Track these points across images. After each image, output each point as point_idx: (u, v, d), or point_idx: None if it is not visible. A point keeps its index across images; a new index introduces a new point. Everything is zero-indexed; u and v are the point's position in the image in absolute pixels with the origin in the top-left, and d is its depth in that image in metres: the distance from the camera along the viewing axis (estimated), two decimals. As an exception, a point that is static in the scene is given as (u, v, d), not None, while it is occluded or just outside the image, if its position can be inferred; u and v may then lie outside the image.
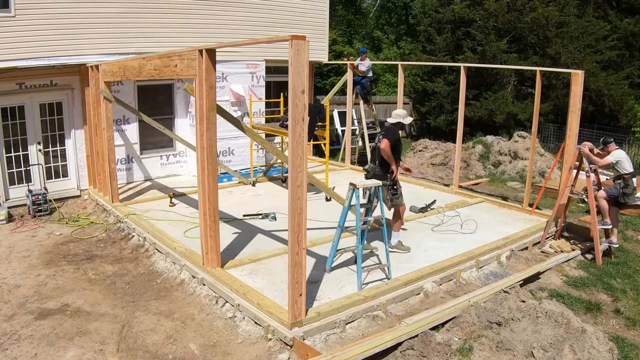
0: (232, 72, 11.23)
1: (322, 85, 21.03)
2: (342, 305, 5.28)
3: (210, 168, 5.75)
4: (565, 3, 17.32)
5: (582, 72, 7.97)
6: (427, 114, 19.82)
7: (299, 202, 4.60)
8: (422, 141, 14.66)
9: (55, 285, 6.31)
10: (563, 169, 8.43)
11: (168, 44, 9.66)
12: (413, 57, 19.83)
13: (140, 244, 7.58)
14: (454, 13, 18.58)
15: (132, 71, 7.34)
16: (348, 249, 6.27)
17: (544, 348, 4.55)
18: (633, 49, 18.81)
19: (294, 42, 4.27)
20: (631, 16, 18.59)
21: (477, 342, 4.78)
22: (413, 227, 7.84)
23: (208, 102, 5.53)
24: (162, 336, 5.15)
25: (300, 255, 4.73)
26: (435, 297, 5.93)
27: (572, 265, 7.05)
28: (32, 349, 4.87)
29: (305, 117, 4.52)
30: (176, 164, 11.46)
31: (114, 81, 9.03)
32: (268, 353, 4.81)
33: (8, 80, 8.93)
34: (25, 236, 8.07)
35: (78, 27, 9.20)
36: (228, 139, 11.16)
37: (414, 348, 4.68)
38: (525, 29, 17.16)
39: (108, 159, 8.88)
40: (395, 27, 26.81)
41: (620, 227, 8.74)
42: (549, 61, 16.18)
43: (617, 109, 17.40)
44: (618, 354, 4.70)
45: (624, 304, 5.95)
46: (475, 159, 13.26)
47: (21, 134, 9.41)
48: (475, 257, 6.68)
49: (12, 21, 8.55)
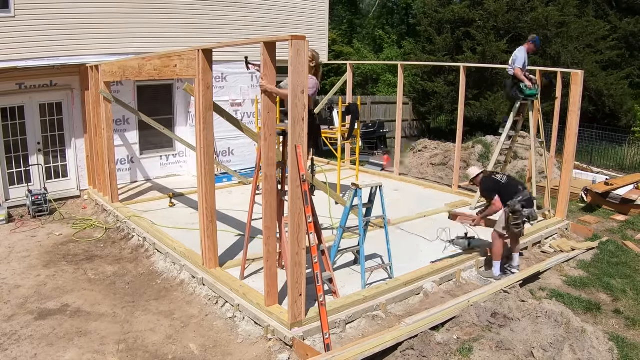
0: (232, 73, 11.23)
1: (322, 85, 21.01)
2: (342, 305, 5.28)
3: (207, 168, 5.76)
4: (565, 3, 17.32)
5: (582, 72, 7.97)
6: (427, 114, 19.81)
7: (299, 202, 4.60)
8: (422, 141, 14.64)
9: (55, 285, 6.31)
10: (563, 169, 8.44)
11: (168, 44, 9.65)
12: (413, 57, 19.83)
13: (140, 244, 7.57)
14: (454, 13, 18.57)
15: (132, 71, 7.35)
16: (349, 249, 6.28)
17: (544, 348, 4.55)
18: (633, 49, 18.82)
19: (293, 42, 4.27)
20: (631, 16, 18.61)
21: (477, 342, 4.78)
22: (415, 225, 7.83)
23: (205, 102, 5.54)
24: (161, 336, 5.15)
25: (300, 255, 4.73)
26: (435, 297, 5.93)
27: (572, 265, 7.05)
28: (32, 349, 4.86)
29: (305, 117, 4.52)
30: (176, 164, 11.46)
31: (114, 81, 9.03)
32: (268, 353, 4.81)
33: (8, 80, 8.93)
34: (25, 236, 8.06)
35: (78, 28, 9.20)
36: (228, 139, 11.16)
37: (414, 348, 4.67)
38: (525, 29, 17.14)
39: (108, 159, 8.88)
40: (395, 28, 26.82)
41: (619, 226, 8.75)
42: (549, 61, 16.18)
43: (617, 109, 17.41)
44: (618, 353, 4.70)
45: (623, 303, 5.95)
46: (475, 159, 13.25)
47: (21, 134, 9.41)
48: (475, 257, 6.67)
49: (12, 21, 8.55)
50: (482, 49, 17.11)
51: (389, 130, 16.29)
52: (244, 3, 11.29)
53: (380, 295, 5.60)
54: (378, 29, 25.90)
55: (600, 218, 9.20)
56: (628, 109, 17.84)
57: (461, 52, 18.02)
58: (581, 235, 8.19)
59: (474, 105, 17.08)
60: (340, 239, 6.06)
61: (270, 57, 4.64)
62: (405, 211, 8.56)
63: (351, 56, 23.04)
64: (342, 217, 6.04)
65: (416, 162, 13.37)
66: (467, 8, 18.34)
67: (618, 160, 14.24)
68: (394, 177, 11.23)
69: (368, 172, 11.85)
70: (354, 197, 5.83)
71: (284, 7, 11.99)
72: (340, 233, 6.05)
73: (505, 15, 17.38)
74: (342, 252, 6.22)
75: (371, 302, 5.48)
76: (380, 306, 5.51)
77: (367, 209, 6.08)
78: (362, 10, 28.66)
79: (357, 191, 5.79)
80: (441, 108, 18.98)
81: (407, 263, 6.39)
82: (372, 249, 6.61)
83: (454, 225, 7.14)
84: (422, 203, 9.19)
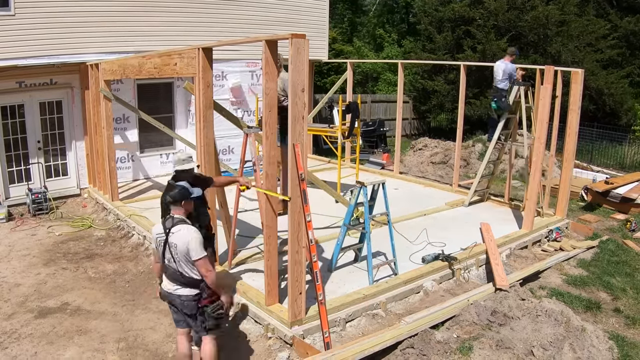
0: (232, 71, 11.22)
1: (322, 84, 21.02)
2: (342, 303, 5.28)
3: (207, 166, 5.75)
4: (566, 1, 17.30)
5: (582, 71, 7.98)
6: (427, 113, 19.80)
7: (298, 200, 4.60)
8: (422, 140, 14.64)
9: (55, 283, 6.31)
10: (563, 168, 8.43)
11: (168, 42, 9.63)
12: (413, 55, 19.82)
13: (140, 243, 7.57)
14: (454, 12, 18.55)
15: (132, 70, 7.34)
16: (352, 247, 6.28)
17: (544, 346, 4.55)
18: (633, 47, 18.81)
19: (294, 41, 4.27)
20: (631, 15, 18.59)
21: (477, 340, 4.78)
22: (418, 224, 7.82)
23: (205, 101, 5.54)
24: (162, 334, 5.16)
25: (300, 253, 4.74)
26: (435, 296, 5.93)
27: (572, 264, 7.05)
28: (32, 348, 4.87)
29: (306, 115, 4.52)
30: (176, 162, 11.44)
31: (114, 80, 9.02)
32: (268, 351, 4.82)
33: (8, 78, 8.92)
34: (25, 235, 8.06)
35: (78, 26, 9.18)
36: (228, 137, 11.14)
37: (414, 346, 4.68)
38: (526, 27, 17.14)
39: (108, 158, 8.88)
40: (395, 26, 26.79)
41: (620, 225, 8.75)
42: (549, 60, 16.16)
43: (617, 108, 17.41)
44: (618, 352, 4.71)
45: (623, 302, 5.95)
46: (475, 158, 13.25)
47: (21, 133, 9.41)
48: (475, 255, 6.68)
49: (12, 20, 8.54)
50: (482, 47, 17.10)
51: (389, 128, 16.29)
52: (244, 1, 11.27)
53: (381, 294, 5.60)
54: (378, 27, 25.87)
55: (600, 217, 9.20)
56: (628, 107, 17.84)
57: (461, 50, 18.00)
58: (581, 234, 8.20)
59: (474, 103, 17.07)
60: (344, 236, 6.07)
61: (271, 54, 4.64)
62: (405, 209, 8.54)
63: (351, 55, 23.02)
64: (345, 215, 6.06)
65: (416, 160, 13.37)
66: (467, 6, 18.32)
67: (618, 159, 14.24)
68: (394, 175, 11.22)
69: (368, 170, 11.84)
70: (359, 195, 5.84)
71: (284, 5, 11.97)
72: (344, 231, 6.05)
73: (505, 13, 17.36)
74: (344, 250, 6.22)
75: (371, 301, 5.48)
76: (380, 304, 5.51)
77: (370, 206, 6.09)
78: (362, 8, 28.61)
79: (362, 189, 5.80)
80: (441, 106, 18.97)
81: (406, 262, 6.38)
82: (374, 247, 6.58)
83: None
84: (422, 201, 9.18)
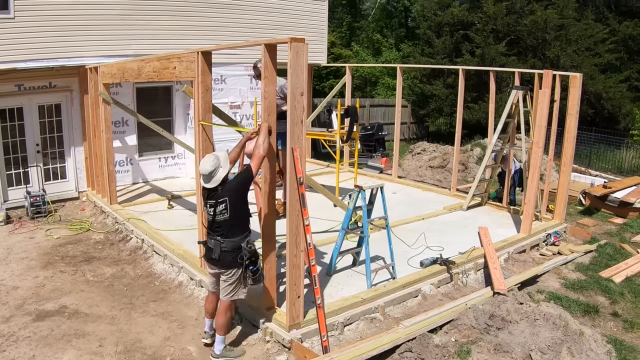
0: (231, 75, 11.24)
1: (320, 88, 21.06)
2: (340, 307, 5.28)
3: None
4: (564, 6, 17.39)
5: (581, 75, 8.00)
6: (425, 117, 19.84)
7: (297, 204, 4.60)
8: (421, 144, 14.67)
9: (54, 287, 6.30)
10: (561, 172, 8.44)
11: (167, 46, 9.65)
12: (412, 59, 19.88)
13: (138, 246, 7.57)
14: (453, 16, 18.64)
15: (131, 73, 7.35)
16: (350, 250, 6.28)
17: (542, 350, 4.55)
18: (632, 52, 18.88)
19: (293, 45, 4.28)
20: (630, 19, 18.68)
21: (475, 344, 4.78)
22: (416, 228, 7.82)
23: (204, 104, 5.55)
24: (160, 338, 5.15)
25: (299, 257, 4.74)
26: (434, 300, 5.93)
27: (570, 267, 7.06)
28: (30, 351, 4.86)
29: (304, 119, 4.53)
30: (174, 166, 11.45)
31: (113, 83, 9.03)
32: (266, 355, 4.81)
33: (7, 81, 8.92)
34: (23, 238, 8.06)
35: (77, 29, 9.20)
36: (226, 141, 11.14)
37: (412, 350, 4.67)
38: (524, 31, 17.21)
39: (106, 161, 8.88)
40: (394, 31, 26.86)
41: (617, 229, 8.76)
42: (547, 64, 16.22)
43: (615, 112, 17.48)
44: (616, 356, 4.71)
45: (621, 306, 5.95)
46: (473, 162, 13.28)
47: (20, 136, 9.40)
48: (473, 259, 6.68)
49: (11, 22, 8.55)
50: (481, 51, 17.16)
51: (388, 132, 16.30)
52: (244, 5, 11.29)
53: (379, 298, 5.60)
54: (376, 32, 25.96)
55: (598, 221, 9.22)
56: (627, 112, 17.91)
57: (460, 54, 18.07)
58: (579, 238, 8.20)
59: (473, 108, 17.11)
60: (342, 240, 6.07)
61: (271, 59, 4.65)
62: (403, 213, 8.55)
63: (350, 59, 23.08)
64: (344, 219, 6.06)
65: (415, 164, 13.39)
66: (466, 11, 18.41)
67: (616, 163, 14.27)
68: (392, 179, 11.23)
69: (367, 174, 11.85)
70: (357, 199, 5.85)
71: (283, 9, 12.01)
72: (342, 235, 6.05)
73: (504, 18, 17.44)
74: (343, 254, 6.21)
75: (369, 305, 5.48)
76: (379, 308, 5.51)
77: (368, 210, 6.09)
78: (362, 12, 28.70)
79: (361, 192, 5.81)
80: (440, 111, 19.01)
81: (404, 266, 6.39)
82: (372, 251, 6.58)
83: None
84: (420, 205, 9.19)
